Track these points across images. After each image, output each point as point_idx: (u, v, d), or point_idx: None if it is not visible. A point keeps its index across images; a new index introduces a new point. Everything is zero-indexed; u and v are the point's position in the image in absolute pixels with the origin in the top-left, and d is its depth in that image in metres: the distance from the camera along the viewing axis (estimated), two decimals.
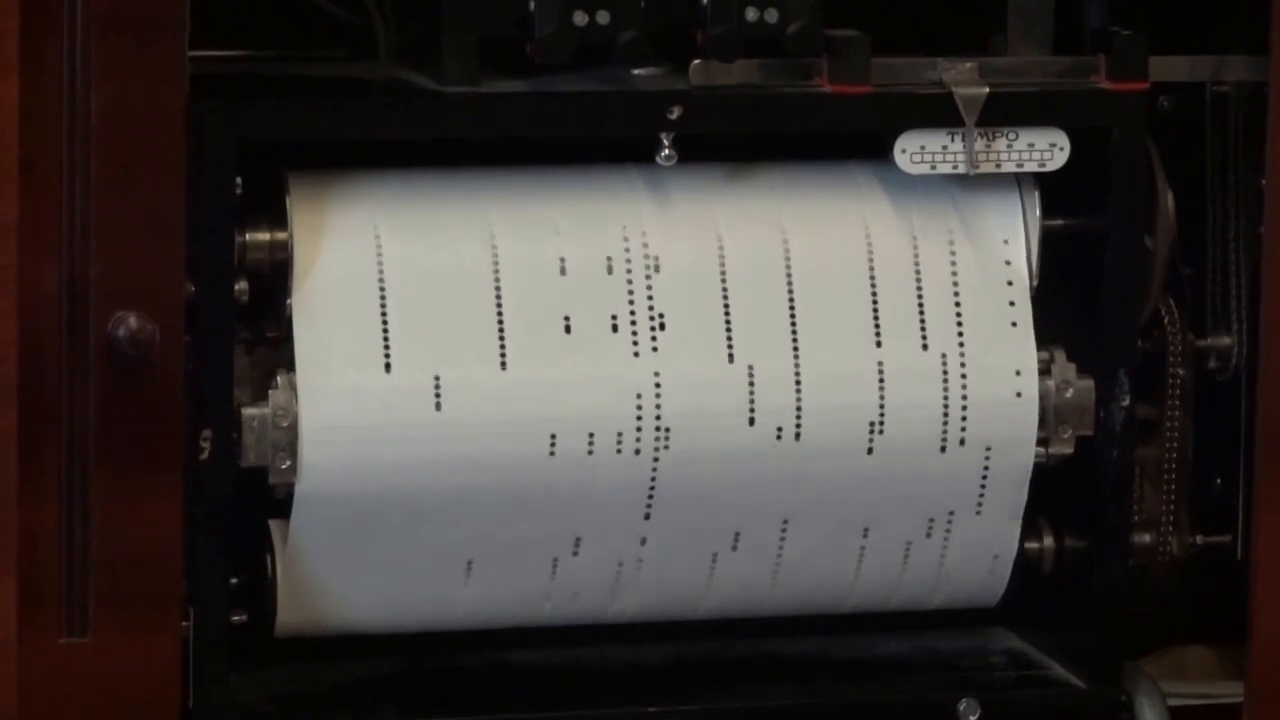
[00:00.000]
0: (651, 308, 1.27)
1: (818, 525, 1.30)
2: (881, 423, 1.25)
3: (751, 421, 1.25)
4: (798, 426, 1.25)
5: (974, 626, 1.38)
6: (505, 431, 1.23)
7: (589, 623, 1.35)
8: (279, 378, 1.20)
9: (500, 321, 1.26)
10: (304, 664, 1.30)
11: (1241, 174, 1.34)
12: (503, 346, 1.26)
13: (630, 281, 1.29)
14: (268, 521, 1.24)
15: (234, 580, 1.22)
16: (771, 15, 1.23)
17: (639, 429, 1.27)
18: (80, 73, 1.15)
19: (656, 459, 1.26)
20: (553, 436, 1.25)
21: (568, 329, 1.26)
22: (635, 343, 1.25)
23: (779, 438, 1.26)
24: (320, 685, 1.30)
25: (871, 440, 1.27)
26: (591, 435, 1.26)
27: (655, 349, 1.25)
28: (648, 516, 1.27)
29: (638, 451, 1.25)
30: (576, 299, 1.28)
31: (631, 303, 1.27)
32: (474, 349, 1.26)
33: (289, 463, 1.18)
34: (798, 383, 1.23)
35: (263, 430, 1.19)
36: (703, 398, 1.25)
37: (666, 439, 1.25)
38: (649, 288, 1.28)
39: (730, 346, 1.25)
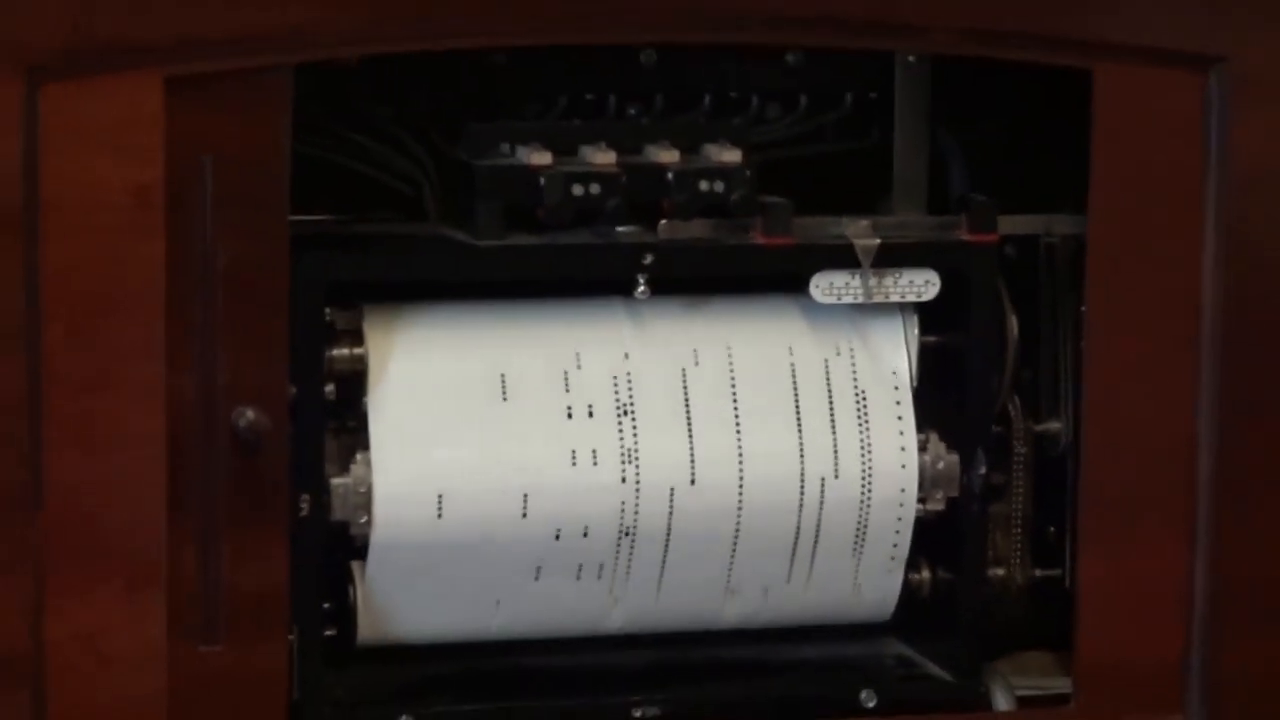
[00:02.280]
0: (630, 401, 1.41)
1: (770, 561, 1.41)
2: (803, 489, 1.38)
3: (700, 485, 1.39)
4: (741, 492, 1.38)
5: (872, 637, 1.50)
6: (521, 500, 1.36)
7: (585, 634, 1.45)
8: (358, 456, 1.34)
9: (516, 416, 1.40)
10: (378, 666, 1.43)
11: (1067, 304, 1.46)
12: (520, 433, 1.39)
13: (616, 384, 1.41)
14: (350, 562, 1.38)
15: (326, 605, 1.37)
16: (719, 187, 1.37)
17: (622, 502, 1.38)
18: (210, 235, 1.31)
19: (636, 521, 1.37)
20: (564, 501, 1.38)
21: (569, 415, 1.40)
22: (620, 429, 1.38)
23: (726, 499, 1.39)
24: (390, 682, 1.42)
25: (803, 499, 1.40)
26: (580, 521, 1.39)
27: (633, 432, 1.39)
28: (630, 556, 1.39)
29: (622, 518, 1.37)
30: (574, 395, 1.41)
31: (619, 396, 1.40)
32: (494, 437, 1.39)
33: (365, 519, 1.32)
34: (740, 458, 1.38)
35: (346, 495, 1.32)
36: (666, 473, 1.38)
37: (637, 502, 1.37)
38: (630, 388, 1.41)
39: (690, 430, 1.38)
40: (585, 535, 1.39)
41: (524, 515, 1.38)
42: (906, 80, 1.47)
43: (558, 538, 1.37)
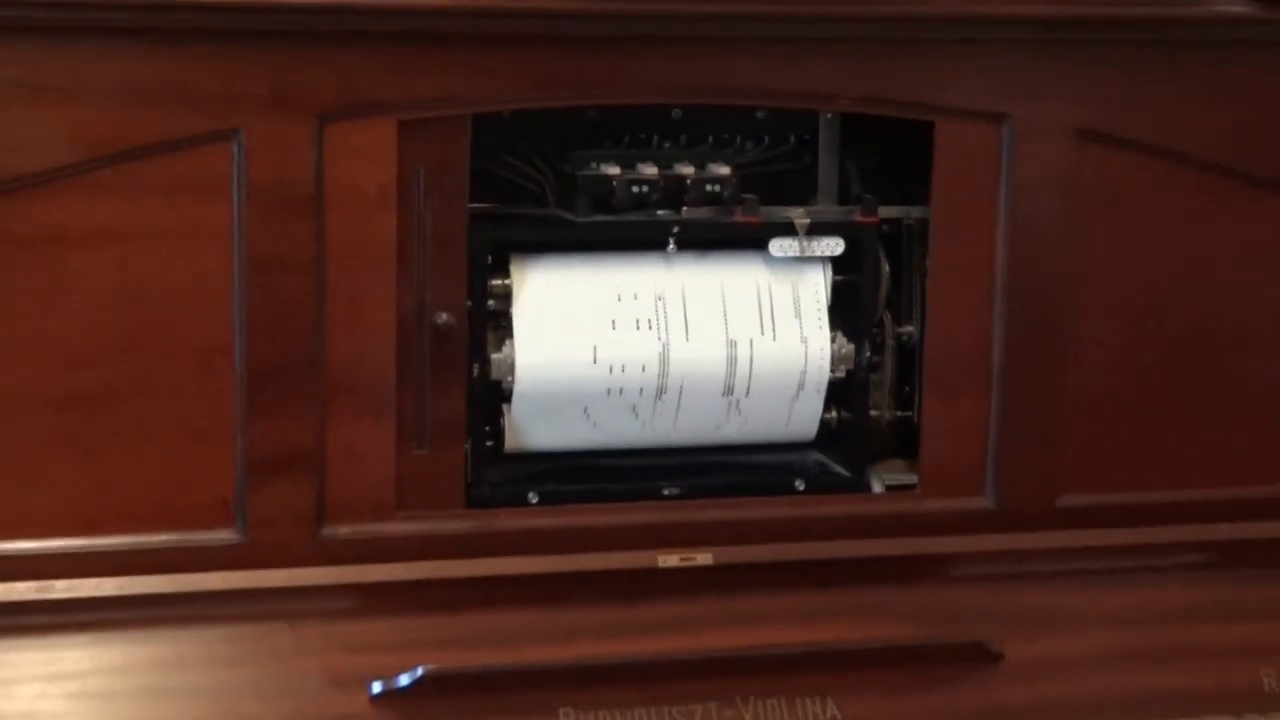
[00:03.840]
0: (663, 309, 1.58)
1: (746, 404, 1.60)
2: (751, 360, 1.58)
3: (700, 358, 1.57)
4: (727, 363, 1.58)
5: (802, 450, 1.68)
6: (604, 370, 1.56)
7: (633, 444, 1.63)
8: (506, 342, 1.54)
9: (598, 318, 1.56)
10: (517, 464, 1.63)
11: (917, 258, 1.64)
12: (599, 328, 1.56)
13: (659, 298, 1.59)
14: (501, 404, 1.58)
15: (487, 428, 1.58)
16: (717, 188, 1.58)
17: (654, 365, 1.57)
18: (421, 213, 1.49)
19: (664, 377, 1.56)
20: (624, 368, 1.56)
21: (613, 325, 1.57)
22: (654, 326, 1.56)
23: (716, 367, 1.57)
24: (524, 474, 1.62)
25: (770, 381, 1.58)
26: (641, 373, 1.56)
27: (665, 326, 1.56)
28: (659, 399, 1.57)
29: (659, 379, 1.56)
30: (630, 306, 1.59)
31: (658, 307, 1.58)
32: (584, 330, 1.57)
33: (510, 378, 1.54)
34: (726, 344, 1.58)
35: (500, 365, 1.54)
36: (683, 350, 1.57)
37: (663, 366, 1.56)
38: (663, 302, 1.59)
39: (690, 326, 1.57)
40: (640, 392, 1.59)
41: (614, 363, 1.58)
42: (826, 127, 1.66)
43: (622, 392, 1.58)
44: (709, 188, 1.54)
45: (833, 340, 1.59)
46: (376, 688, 1.39)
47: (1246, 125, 1.60)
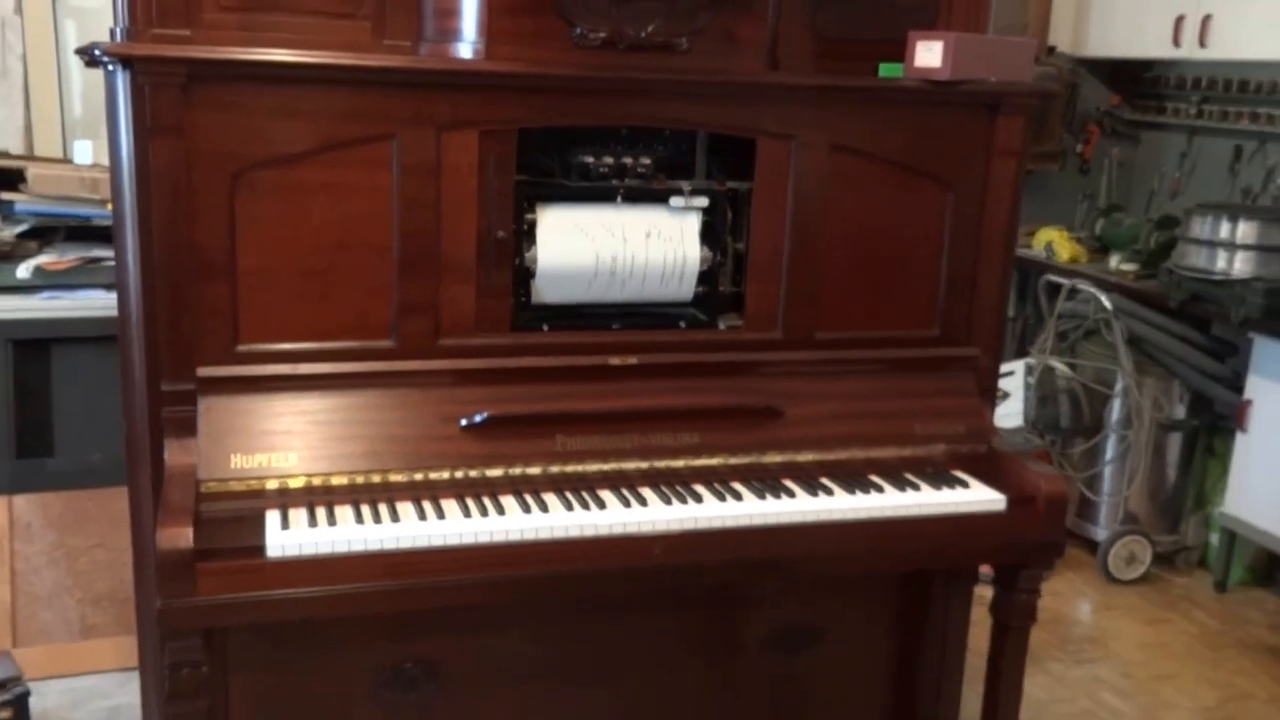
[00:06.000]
0: (622, 230, 1.62)
1: (659, 281, 1.65)
2: (666, 261, 1.66)
3: (639, 258, 1.63)
4: (648, 259, 1.66)
5: (683, 306, 1.76)
6: (588, 261, 1.61)
7: (598, 301, 1.65)
8: (533, 248, 1.62)
9: (583, 235, 1.60)
10: (540, 309, 1.67)
11: (747, 208, 1.71)
12: (583, 238, 1.60)
13: (613, 226, 1.62)
14: (530, 279, 1.63)
15: (522, 292, 1.65)
16: (643, 169, 1.64)
17: (614, 256, 1.63)
18: (490, 178, 1.54)
19: (615, 263, 1.63)
20: (595, 260, 1.62)
21: (590, 239, 1.60)
22: (612, 236, 1.63)
23: (647, 264, 1.64)
24: (543, 315, 1.66)
25: (665, 264, 1.65)
26: (612, 260, 1.62)
27: (624, 238, 1.62)
28: (618, 276, 1.63)
29: (611, 267, 1.63)
30: (601, 231, 1.60)
31: (613, 230, 1.62)
32: (577, 238, 1.61)
33: (535, 262, 1.62)
34: (648, 249, 1.67)
35: (531, 257, 1.62)
36: (630, 252, 1.63)
37: (620, 256, 1.62)
38: (620, 227, 1.62)
39: (629, 239, 1.63)
40: (603, 274, 1.66)
41: (589, 259, 1.64)
42: (700, 139, 1.75)
43: (595, 274, 1.66)
44: (640, 169, 1.67)
45: (701, 249, 1.70)
46: (463, 423, 1.53)
47: (910, 141, 1.72)
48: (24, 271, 2.19)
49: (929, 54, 1.62)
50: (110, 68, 1.46)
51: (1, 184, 2.31)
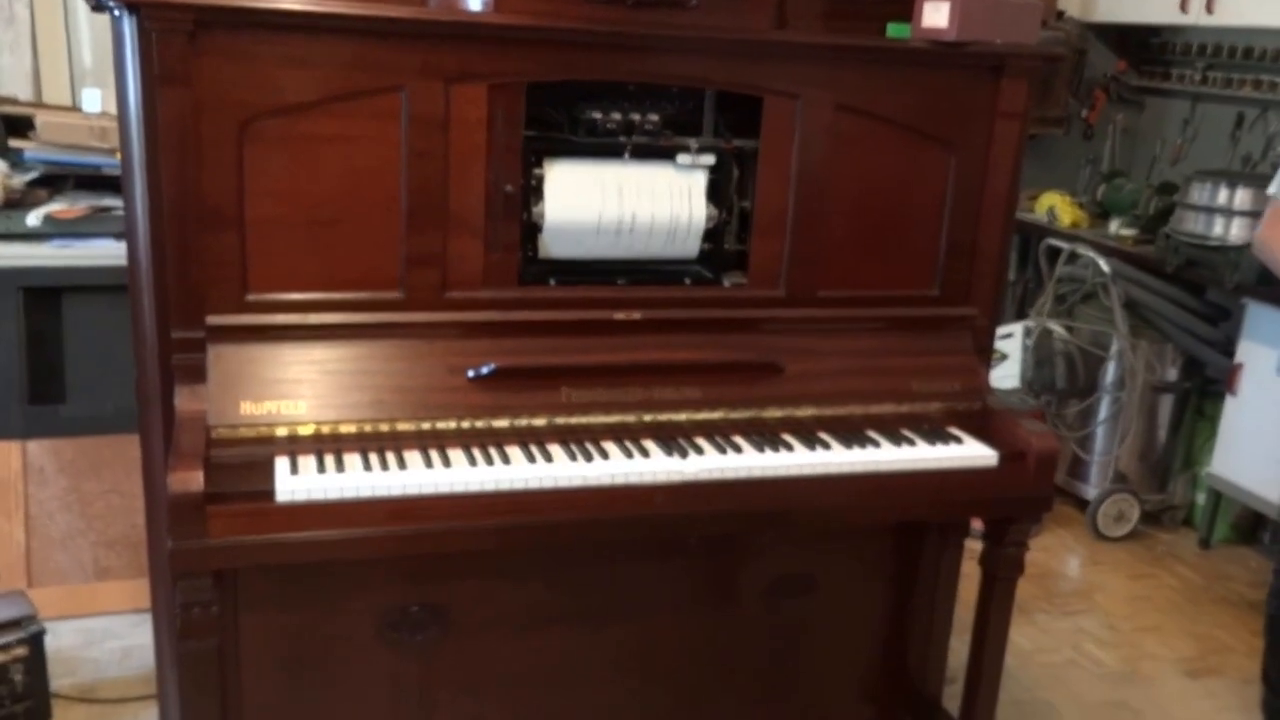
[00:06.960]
0: (631, 187, 1.60)
1: (667, 237, 1.64)
2: (673, 219, 1.64)
3: (647, 216, 1.60)
4: (654, 218, 1.64)
5: (688, 263, 1.70)
6: (592, 217, 1.60)
7: (604, 257, 1.62)
8: (540, 202, 1.60)
9: (593, 190, 1.57)
10: (546, 263, 1.65)
11: (753, 166, 1.68)
12: (595, 195, 1.58)
13: (620, 183, 1.59)
14: (537, 234, 1.59)
15: (530, 248, 1.64)
16: (650, 125, 1.60)
17: (619, 218, 1.60)
18: (500, 132, 1.50)
19: (621, 221, 1.60)
20: (600, 216, 1.59)
21: (598, 194, 1.57)
22: (621, 195, 1.60)
23: (653, 221, 1.62)
24: (549, 269, 1.66)
25: (673, 222, 1.64)
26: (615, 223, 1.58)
27: (634, 196, 1.59)
28: (624, 231, 1.61)
29: (617, 222, 1.60)
30: (610, 187, 1.58)
31: (619, 187, 1.59)
32: (590, 194, 1.59)
33: (543, 217, 1.60)
34: (655, 208, 1.64)
35: (539, 212, 1.61)
36: (640, 210, 1.60)
37: (625, 215, 1.60)
38: (629, 185, 1.59)
39: (636, 200, 1.61)
40: (609, 229, 1.63)
41: (596, 214, 1.61)
42: (708, 96, 1.71)
43: (599, 229, 1.63)
44: (647, 126, 1.65)
45: (707, 207, 1.69)
46: (470, 374, 1.51)
47: (915, 102, 1.69)
48: (34, 219, 2.17)
49: (936, 14, 1.59)
50: (117, 13, 1.42)
51: (10, 130, 2.29)
